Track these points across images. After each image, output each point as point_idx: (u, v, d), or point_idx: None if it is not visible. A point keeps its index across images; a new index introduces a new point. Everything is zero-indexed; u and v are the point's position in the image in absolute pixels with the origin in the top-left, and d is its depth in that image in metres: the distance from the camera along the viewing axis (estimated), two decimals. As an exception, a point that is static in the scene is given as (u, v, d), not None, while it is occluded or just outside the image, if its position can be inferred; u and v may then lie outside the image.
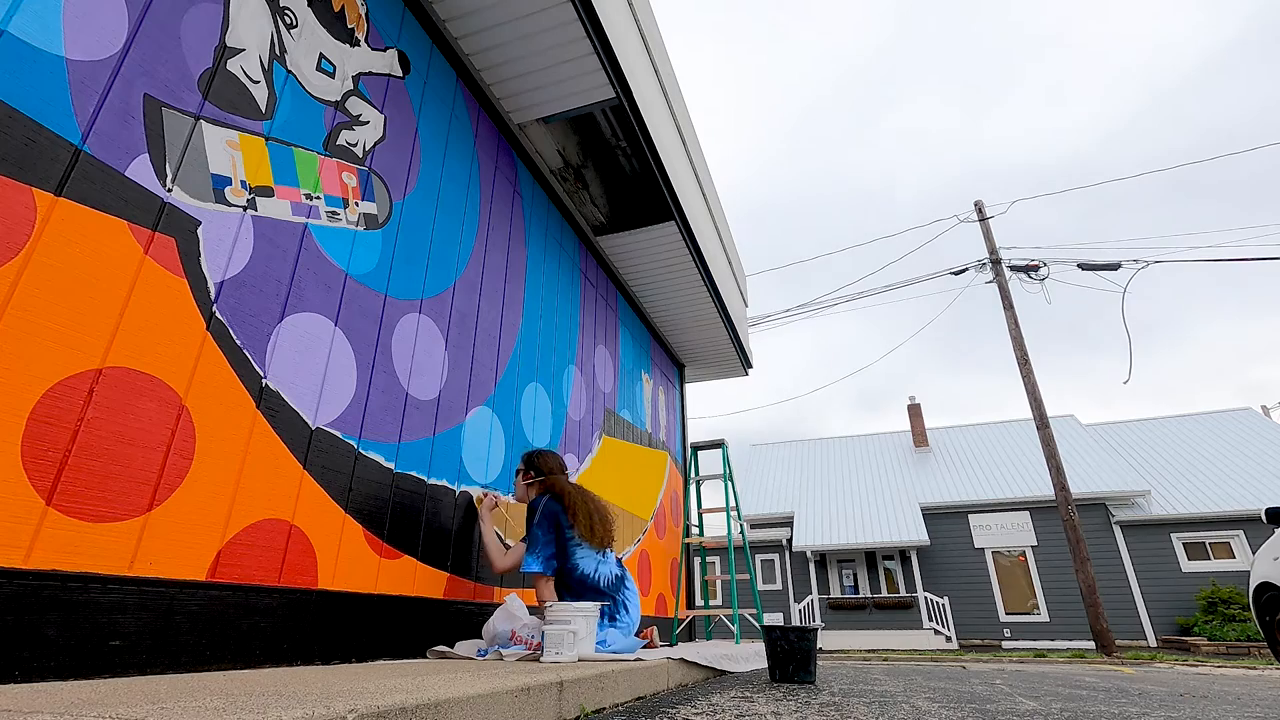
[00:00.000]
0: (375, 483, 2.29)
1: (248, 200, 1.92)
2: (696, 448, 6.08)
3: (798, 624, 4.80)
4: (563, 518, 2.72)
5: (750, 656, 3.68)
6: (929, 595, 16.83)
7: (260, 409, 1.86)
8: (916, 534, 16.93)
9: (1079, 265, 11.66)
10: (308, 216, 2.14)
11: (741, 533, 5.53)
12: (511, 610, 2.51)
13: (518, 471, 3.01)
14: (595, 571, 2.68)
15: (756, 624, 5.37)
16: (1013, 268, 12.15)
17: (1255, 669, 5.77)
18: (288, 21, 2.18)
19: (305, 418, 2.02)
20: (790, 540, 18.90)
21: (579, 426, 4.25)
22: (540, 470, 2.92)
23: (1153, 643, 14.79)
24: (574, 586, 2.65)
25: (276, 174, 2.04)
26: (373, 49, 2.62)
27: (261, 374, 1.89)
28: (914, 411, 22.44)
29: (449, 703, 1.11)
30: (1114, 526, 16.16)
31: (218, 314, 1.77)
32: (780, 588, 18.91)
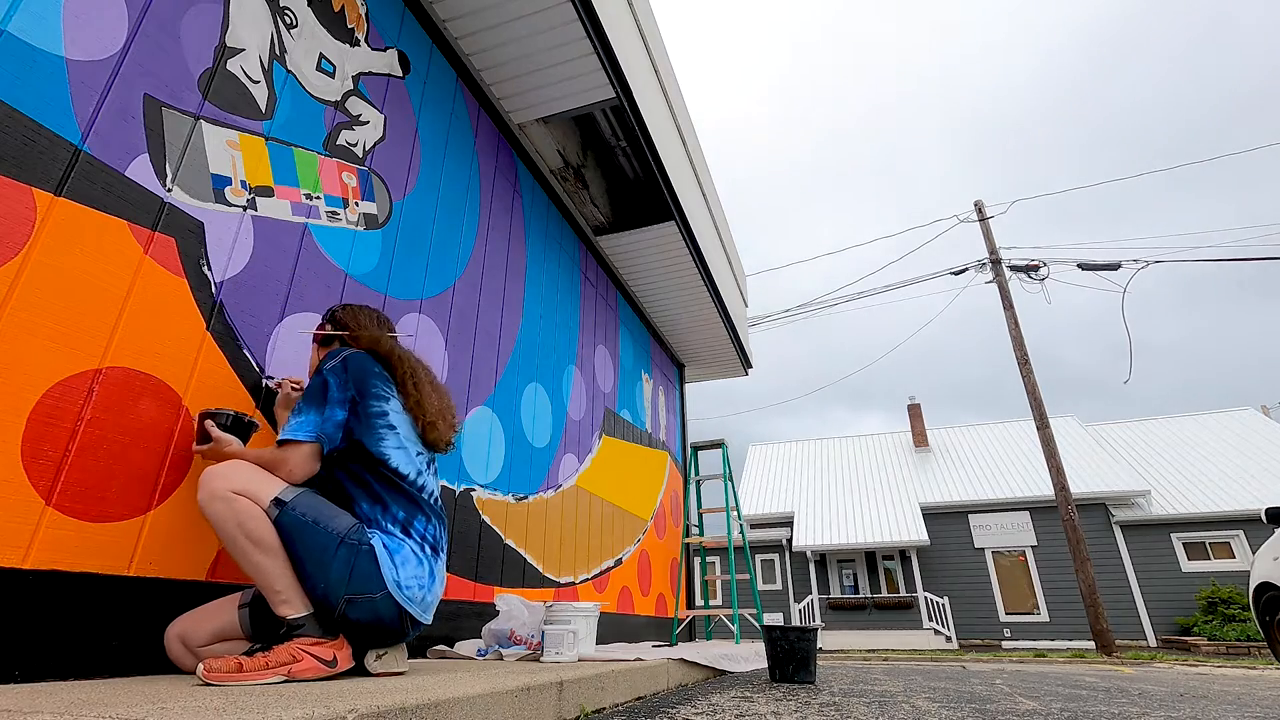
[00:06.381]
0: (375, 483, 2.29)
1: (248, 200, 1.92)
2: (696, 448, 6.08)
3: (798, 624, 4.79)
4: (376, 382, 1.67)
5: (750, 656, 3.68)
6: (929, 595, 16.83)
7: (260, 409, 1.86)
8: (916, 534, 16.93)
9: (1079, 265, 11.65)
10: (308, 216, 2.14)
11: (741, 533, 5.53)
12: (511, 610, 2.52)
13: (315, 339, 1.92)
14: (418, 475, 1.67)
15: (756, 624, 5.37)
16: (1013, 268, 12.14)
17: (1255, 669, 5.77)
18: (288, 21, 2.18)
19: (305, 418, 2.02)
20: (790, 540, 18.90)
21: (579, 426, 4.25)
22: (344, 324, 1.84)
23: (1153, 643, 14.79)
24: (379, 482, 1.60)
25: (276, 174, 2.04)
26: (373, 49, 2.62)
27: (262, 374, 1.89)
28: (914, 412, 22.44)
29: (449, 703, 1.11)
30: (1114, 526, 16.16)
31: (218, 314, 1.77)
32: (780, 588, 18.91)
